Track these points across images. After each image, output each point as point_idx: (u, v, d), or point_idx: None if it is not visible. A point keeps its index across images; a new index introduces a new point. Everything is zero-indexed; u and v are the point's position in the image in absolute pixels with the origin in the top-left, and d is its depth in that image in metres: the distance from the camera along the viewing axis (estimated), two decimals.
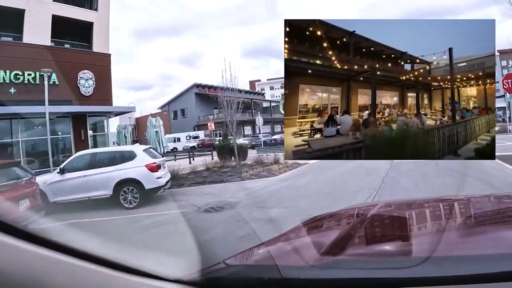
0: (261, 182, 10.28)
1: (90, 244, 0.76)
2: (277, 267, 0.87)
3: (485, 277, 0.71)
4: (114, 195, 7.96)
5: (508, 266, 0.72)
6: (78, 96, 15.67)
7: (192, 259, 1.04)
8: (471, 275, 0.73)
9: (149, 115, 31.85)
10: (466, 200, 1.55)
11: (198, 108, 43.55)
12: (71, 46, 16.78)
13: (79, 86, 15.88)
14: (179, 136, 38.21)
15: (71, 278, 0.66)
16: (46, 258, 0.63)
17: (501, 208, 1.37)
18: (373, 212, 1.38)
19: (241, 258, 1.05)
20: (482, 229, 1.12)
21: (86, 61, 16.19)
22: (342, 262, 0.90)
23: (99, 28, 17.22)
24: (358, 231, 1.19)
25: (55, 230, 0.83)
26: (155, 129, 19.21)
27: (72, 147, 15.04)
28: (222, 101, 15.06)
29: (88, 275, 0.69)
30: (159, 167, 8.48)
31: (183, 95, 47.33)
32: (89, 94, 16.25)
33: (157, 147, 18.94)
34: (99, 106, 16.18)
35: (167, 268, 0.88)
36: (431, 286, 0.73)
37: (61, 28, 15.49)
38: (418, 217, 1.36)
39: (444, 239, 0.98)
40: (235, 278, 0.90)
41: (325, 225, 1.45)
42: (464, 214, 1.35)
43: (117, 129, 19.82)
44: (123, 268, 0.75)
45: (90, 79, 16.29)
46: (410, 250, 0.96)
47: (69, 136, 15.59)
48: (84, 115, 15.86)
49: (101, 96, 16.53)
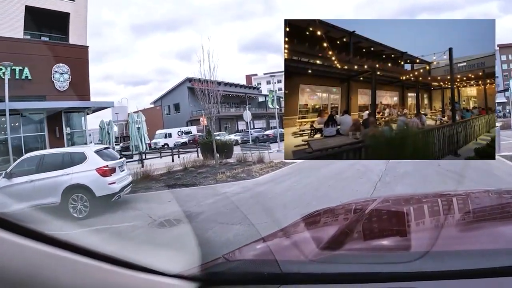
0: (236, 186, 9.09)
1: (90, 240, 0.75)
2: (277, 262, 0.87)
3: (484, 272, 0.72)
4: (62, 203, 6.92)
5: (506, 261, 0.73)
6: (52, 91, 14.77)
7: (192, 254, 1.05)
8: (469, 270, 0.73)
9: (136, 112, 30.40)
10: (465, 195, 1.55)
11: (191, 103, 40.22)
12: (42, 37, 15.79)
13: (53, 81, 14.94)
14: (170, 132, 36.61)
15: (72, 274, 0.66)
16: (47, 254, 0.63)
17: (500, 204, 1.38)
18: (372, 207, 1.39)
19: (240, 253, 1.05)
20: (481, 224, 1.12)
21: (61, 54, 15.08)
22: (341, 257, 0.90)
23: (76, 19, 16.26)
24: (357, 226, 1.19)
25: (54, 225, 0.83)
26: (137, 125, 18.52)
27: (47, 146, 14.07)
28: (198, 93, 13.81)
29: (89, 271, 0.69)
30: (113, 171, 7.33)
31: (176, 89, 45.74)
32: (64, 89, 15.21)
33: (139, 144, 18.15)
34: (75, 101, 15.09)
35: (167, 263, 0.88)
36: (430, 281, 0.73)
37: (36, 19, 14.88)
38: (416, 212, 1.36)
39: (443, 234, 0.98)
40: (235, 273, 0.91)
41: (324, 220, 1.46)
42: (462, 209, 1.35)
43: (100, 125, 18.74)
44: (123, 263, 0.75)
45: (66, 73, 15.27)
46: (409, 245, 0.97)
47: (44, 134, 14.77)
48: (59, 111, 14.91)
49: (78, 91, 15.38)
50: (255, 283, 0.85)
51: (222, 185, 9.38)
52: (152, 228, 5.78)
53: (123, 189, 7.53)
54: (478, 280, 0.71)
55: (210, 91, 13.57)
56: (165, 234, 5.16)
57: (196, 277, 0.89)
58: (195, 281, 0.88)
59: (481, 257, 0.78)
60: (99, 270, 0.70)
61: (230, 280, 0.89)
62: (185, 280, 0.87)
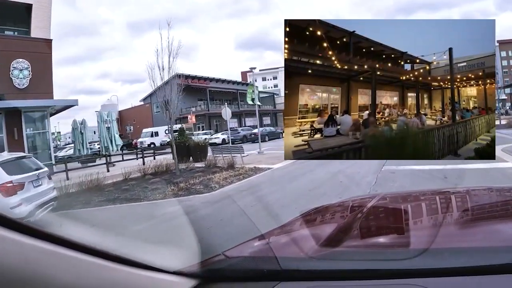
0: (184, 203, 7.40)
1: (90, 237, 0.74)
2: (276, 258, 0.87)
3: (482, 270, 0.72)
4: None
5: (505, 258, 0.73)
6: (11, 89, 13.55)
7: (192, 251, 1.05)
8: (468, 267, 0.73)
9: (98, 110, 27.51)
10: (464, 193, 1.55)
11: (180, 100, 40.44)
12: (6, 31, 14.69)
13: (12, 78, 13.66)
14: (157, 130, 34.70)
15: (72, 271, 0.66)
16: (46, 251, 0.63)
17: (499, 201, 1.38)
18: (371, 204, 1.39)
19: (240, 250, 1.06)
20: (480, 222, 1.13)
21: (21, 49, 13.82)
22: (341, 254, 0.91)
23: (39, 11, 14.83)
24: (357, 223, 1.19)
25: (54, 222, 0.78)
26: (107, 124, 17.01)
27: (5, 148, 12.63)
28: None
29: (89, 268, 0.69)
30: (19, 188, 5.64)
31: (165, 86, 45.28)
32: (24, 86, 13.91)
33: (108, 145, 16.67)
34: (36, 100, 13.90)
35: (167, 260, 0.88)
36: (430, 278, 0.73)
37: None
38: (416, 210, 1.37)
39: (442, 231, 0.99)
40: (235, 270, 0.91)
41: (324, 217, 1.46)
42: (462, 206, 1.36)
43: (72, 125, 17.09)
44: (123, 260, 0.75)
45: (26, 69, 13.94)
46: (408, 242, 0.97)
47: (2, 135, 13.38)
48: (18, 110, 13.59)
49: (40, 88, 14.11)
50: (255, 280, 0.85)
51: (169, 201, 7.74)
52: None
53: (39, 209, 5.85)
54: (477, 277, 0.71)
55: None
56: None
57: (195, 274, 0.89)
58: (195, 278, 0.88)
59: (480, 254, 0.78)
60: (98, 267, 0.70)
61: (229, 277, 0.89)
62: (185, 277, 0.87)
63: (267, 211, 5.67)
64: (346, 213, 1.42)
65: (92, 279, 0.69)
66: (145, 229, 5.37)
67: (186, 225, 4.56)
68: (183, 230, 4.32)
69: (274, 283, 0.81)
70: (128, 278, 0.75)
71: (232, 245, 1.07)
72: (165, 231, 5.00)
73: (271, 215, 5.25)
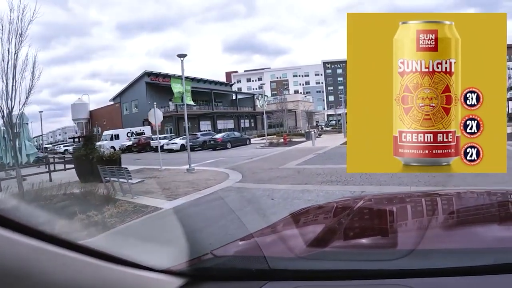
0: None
1: (78, 235, 0.73)
2: (265, 258, 0.87)
3: (467, 270, 0.74)
4: None
5: (488, 260, 0.75)
6: None
7: (180, 250, 1.04)
8: (454, 267, 0.75)
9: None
10: (451, 195, 1.58)
11: (149, 100, 33.96)
12: None
13: None
14: (118, 133, 31.51)
15: (61, 268, 0.66)
16: (36, 248, 0.62)
17: (485, 204, 1.41)
18: (360, 205, 1.41)
19: (229, 249, 1.06)
20: (466, 224, 1.15)
21: None
22: (329, 254, 0.91)
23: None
24: (345, 224, 1.21)
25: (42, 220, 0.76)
26: (17, 129, 9.68)
27: None
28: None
29: (77, 265, 0.68)
30: None
31: (135, 85, 40.69)
32: None
33: (2, 156, 11.07)
34: None
35: (155, 258, 0.88)
36: (416, 278, 0.75)
37: None
38: (404, 211, 1.39)
39: (429, 232, 1.00)
40: (223, 269, 0.91)
41: (313, 217, 1.47)
42: (449, 208, 1.39)
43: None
44: (110, 258, 0.75)
45: None
46: (395, 242, 0.99)
47: None
48: None
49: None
50: (243, 279, 0.85)
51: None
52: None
53: None
54: (462, 278, 0.73)
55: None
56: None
57: (183, 273, 0.89)
58: (183, 277, 0.87)
59: (465, 255, 0.80)
60: (86, 264, 0.70)
61: (218, 276, 0.89)
62: (173, 275, 0.86)
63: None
64: (334, 213, 1.42)
65: (79, 276, 0.68)
66: None
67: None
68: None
69: (263, 283, 0.81)
70: (116, 275, 0.75)
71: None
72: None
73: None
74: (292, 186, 7.60)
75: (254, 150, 18.99)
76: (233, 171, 10.25)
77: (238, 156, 15.63)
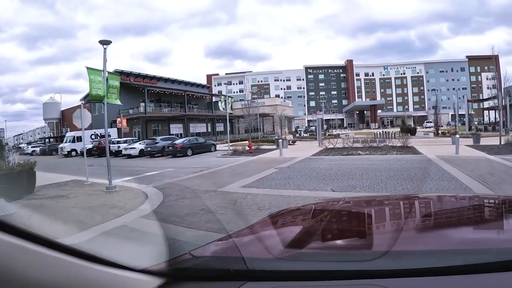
0: None
1: (57, 233, 0.76)
2: (243, 258, 0.89)
3: (440, 271, 0.78)
4: None
5: (458, 260, 0.79)
6: None
7: (159, 250, 1.06)
8: (427, 268, 0.79)
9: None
10: (427, 199, 1.70)
11: (120, 100, 32.82)
12: None
13: None
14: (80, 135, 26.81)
15: (39, 266, 0.66)
16: (14, 246, 0.63)
17: (458, 207, 1.48)
18: (337, 207, 1.48)
19: (207, 250, 1.06)
20: (439, 227, 1.19)
21: None
22: (306, 255, 0.94)
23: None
24: (322, 225, 1.24)
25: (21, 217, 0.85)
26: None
27: None
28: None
29: (55, 264, 0.69)
30: None
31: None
32: None
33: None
34: None
35: (134, 258, 0.89)
36: (390, 278, 0.77)
37: None
38: (380, 213, 1.43)
39: (403, 234, 1.05)
40: (201, 269, 0.92)
41: (291, 219, 1.50)
42: (423, 211, 1.44)
43: None
44: (89, 257, 0.76)
45: None
46: (371, 244, 1.03)
47: None
48: None
49: None
50: (221, 280, 0.86)
51: None
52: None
53: None
54: (434, 278, 0.76)
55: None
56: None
57: (162, 273, 0.90)
58: (161, 277, 0.88)
59: (438, 256, 0.84)
60: (65, 263, 0.71)
61: (196, 276, 0.90)
62: (151, 275, 0.87)
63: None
64: (312, 215, 1.45)
65: (58, 275, 0.69)
66: None
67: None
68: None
69: (241, 283, 0.83)
70: (94, 275, 0.75)
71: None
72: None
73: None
74: (206, 234, 4.33)
75: (214, 159, 16.81)
76: (157, 193, 7.58)
77: (190, 167, 13.33)
